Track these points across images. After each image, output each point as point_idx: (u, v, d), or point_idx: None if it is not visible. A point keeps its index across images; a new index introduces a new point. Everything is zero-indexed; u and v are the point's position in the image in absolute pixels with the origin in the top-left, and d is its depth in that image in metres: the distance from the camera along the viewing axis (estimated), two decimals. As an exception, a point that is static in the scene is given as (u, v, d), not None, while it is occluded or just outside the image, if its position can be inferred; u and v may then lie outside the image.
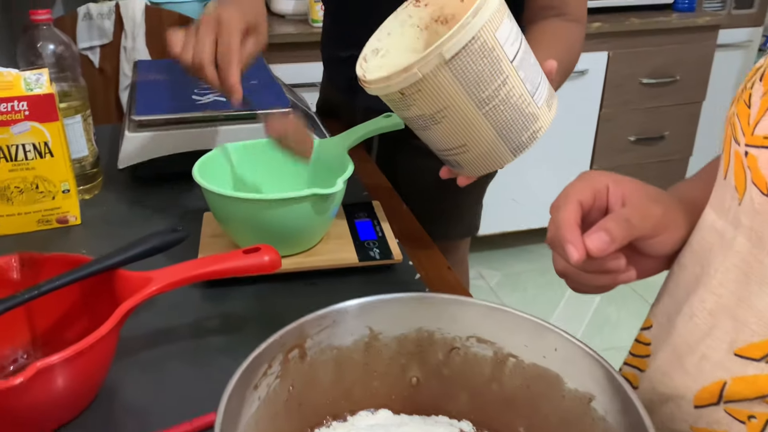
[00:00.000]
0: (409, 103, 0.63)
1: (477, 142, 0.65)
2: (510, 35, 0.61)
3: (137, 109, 0.95)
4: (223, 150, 0.82)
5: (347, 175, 0.75)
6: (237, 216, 0.73)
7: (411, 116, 0.65)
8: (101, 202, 0.93)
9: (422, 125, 0.66)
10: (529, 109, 0.64)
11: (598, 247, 0.45)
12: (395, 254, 0.77)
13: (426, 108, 0.62)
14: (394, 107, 0.66)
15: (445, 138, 0.66)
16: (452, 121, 0.63)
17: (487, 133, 0.64)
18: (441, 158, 0.73)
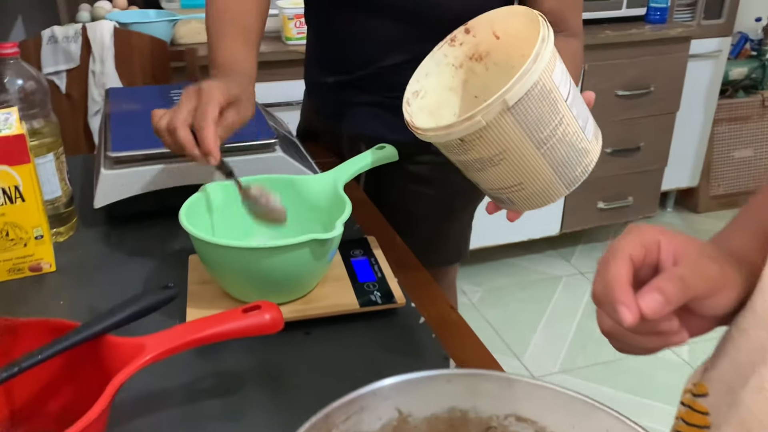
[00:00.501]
0: (467, 149, 0.63)
1: (533, 180, 0.65)
2: (563, 76, 0.63)
3: (113, 145, 0.90)
4: (208, 191, 0.77)
5: (346, 216, 0.70)
6: (230, 265, 0.68)
7: (467, 160, 0.65)
8: (76, 245, 0.87)
9: (478, 167, 0.66)
10: (582, 145, 0.65)
11: (652, 309, 0.41)
12: (397, 297, 0.73)
13: (485, 152, 0.63)
14: (449, 152, 0.66)
15: (501, 178, 0.66)
16: (510, 163, 0.64)
17: (544, 171, 0.64)
18: (490, 195, 0.72)
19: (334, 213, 0.75)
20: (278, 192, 0.79)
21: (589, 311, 2.15)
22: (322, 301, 0.72)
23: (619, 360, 1.94)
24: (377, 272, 0.78)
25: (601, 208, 2.33)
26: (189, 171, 0.91)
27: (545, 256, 2.45)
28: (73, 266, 0.83)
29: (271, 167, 0.93)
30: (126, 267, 0.82)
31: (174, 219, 0.71)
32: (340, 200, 0.76)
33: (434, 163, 1.07)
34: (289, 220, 0.80)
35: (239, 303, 0.71)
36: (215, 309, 0.70)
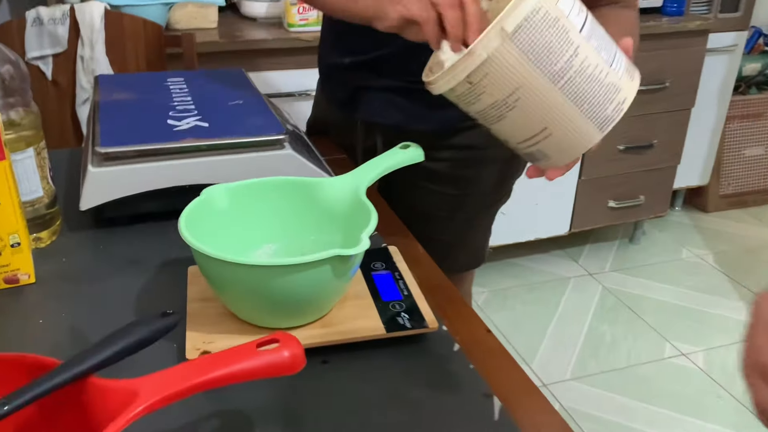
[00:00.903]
0: (478, 92, 0.60)
1: (559, 122, 0.61)
2: (574, 6, 0.60)
3: (102, 139, 0.80)
4: (211, 195, 0.67)
5: (371, 228, 0.61)
6: (238, 284, 0.58)
7: (483, 107, 0.62)
8: (59, 252, 0.78)
9: (496, 115, 0.62)
10: (609, 79, 0.61)
11: None
12: (429, 320, 0.64)
13: (497, 93, 0.60)
14: (464, 103, 0.63)
15: (523, 125, 0.62)
16: (528, 103, 0.60)
17: (568, 110, 0.60)
18: (523, 154, 0.67)
19: (356, 222, 0.66)
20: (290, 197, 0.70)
21: (599, 314, 2.07)
22: (342, 324, 0.63)
23: (632, 367, 1.86)
24: (403, 289, 0.68)
25: (612, 206, 2.25)
26: (189, 169, 0.81)
27: (552, 256, 2.36)
28: (56, 277, 0.73)
29: (278, 167, 0.83)
30: (116, 279, 0.73)
31: (171, 223, 0.62)
32: (362, 208, 0.66)
33: (455, 160, 0.98)
34: (304, 230, 0.70)
35: (246, 325, 0.62)
36: (219, 333, 0.61)
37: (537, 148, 0.64)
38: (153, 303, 0.69)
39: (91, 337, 0.63)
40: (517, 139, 0.65)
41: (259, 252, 0.70)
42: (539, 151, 0.65)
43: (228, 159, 0.82)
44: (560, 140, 0.62)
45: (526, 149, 0.66)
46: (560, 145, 0.63)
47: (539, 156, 0.66)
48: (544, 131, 0.62)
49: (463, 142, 0.98)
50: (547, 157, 0.65)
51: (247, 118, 0.89)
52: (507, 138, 0.66)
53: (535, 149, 0.65)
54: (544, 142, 0.63)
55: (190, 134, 0.82)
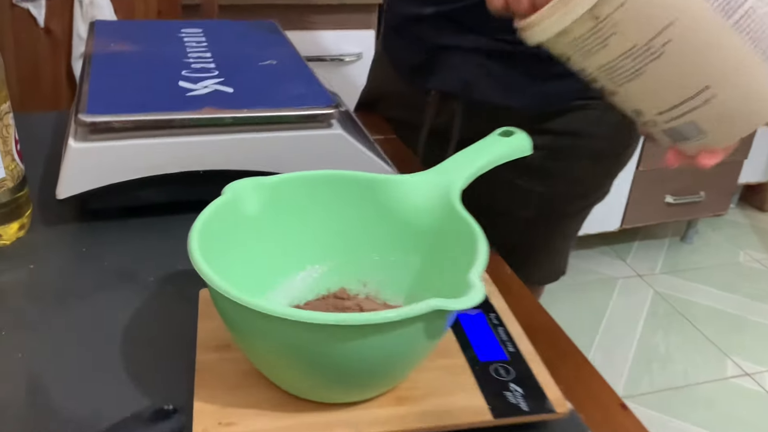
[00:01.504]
0: (606, 34, 0.42)
1: (728, 77, 0.42)
2: None
3: (89, 104, 0.58)
4: (236, 193, 0.46)
5: (481, 263, 0.40)
6: (281, 345, 0.37)
7: (611, 58, 0.44)
8: (27, 255, 0.57)
9: (631, 68, 0.44)
10: None
11: None
12: (554, 399, 0.43)
13: (637, 33, 0.42)
14: (582, 52, 0.45)
15: (672, 83, 0.44)
16: (683, 49, 0.42)
17: (744, 56, 0.41)
18: (662, 130, 0.48)
19: (444, 240, 0.46)
20: (348, 199, 0.49)
21: (651, 322, 1.86)
22: (425, 400, 0.42)
23: (690, 387, 1.65)
24: (505, 342, 0.48)
25: (669, 202, 2.03)
26: (206, 150, 0.60)
27: (597, 253, 2.15)
28: (17, 294, 0.53)
29: (321, 152, 0.62)
30: (100, 300, 0.52)
31: (178, 220, 0.42)
32: (455, 221, 0.45)
33: (550, 149, 0.77)
34: (364, 247, 0.50)
35: (283, 395, 0.41)
36: (243, 407, 0.40)
37: (689, 119, 0.45)
38: (148, 345, 0.48)
39: (55, 398, 0.43)
40: (659, 106, 0.46)
41: (302, 275, 0.50)
42: (692, 125, 0.46)
43: (258, 138, 0.61)
44: (726, 107, 0.44)
45: (672, 122, 0.47)
46: (725, 115, 0.44)
47: (690, 132, 0.47)
48: (704, 92, 0.43)
49: (564, 127, 0.76)
50: (702, 133, 0.46)
51: (283, 83, 0.67)
52: (642, 106, 0.47)
53: (684, 121, 0.46)
54: (702, 110, 0.44)
55: (208, 102, 0.61)
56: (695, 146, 0.48)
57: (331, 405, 0.41)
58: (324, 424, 0.40)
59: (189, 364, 0.44)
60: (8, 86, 0.56)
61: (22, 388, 0.44)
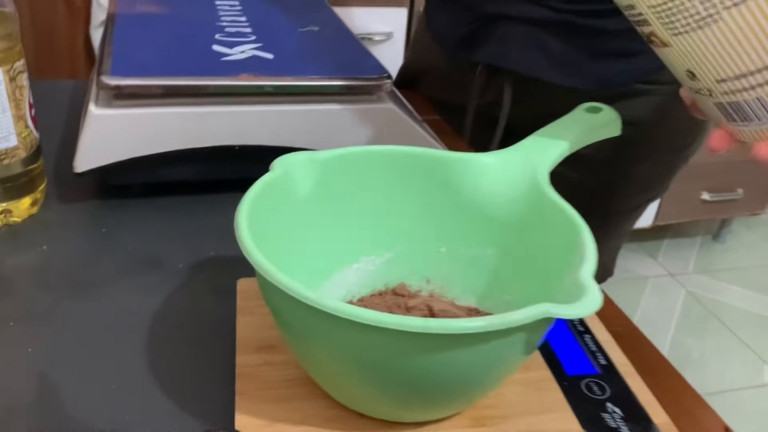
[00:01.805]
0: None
1: None
2: None
3: (114, 66, 0.52)
4: (287, 170, 0.39)
5: (592, 260, 0.33)
6: (348, 351, 0.31)
7: (678, 3, 0.35)
8: (39, 235, 0.51)
9: (701, 14, 0.35)
10: None
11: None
12: (662, 426, 0.36)
13: None
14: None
15: (748, 44, 0.34)
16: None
17: None
18: (717, 103, 0.38)
19: (529, 231, 0.39)
20: (411, 179, 0.42)
21: (683, 324, 1.78)
22: (509, 422, 0.35)
23: (725, 393, 1.58)
24: (593, 353, 0.41)
25: (705, 199, 1.94)
26: (243, 122, 0.53)
27: (627, 251, 2.07)
28: (27, 277, 0.46)
29: (370, 128, 0.55)
30: (121, 289, 0.46)
31: (212, 200, 0.36)
32: (549, 211, 0.38)
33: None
34: (430, 235, 0.43)
35: (338, 409, 0.35)
36: (291, 422, 0.34)
37: (758, 94, 0.36)
38: (177, 343, 0.42)
39: (69, 402, 0.37)
40: (721, 71, 0.36)
41: (356, 267, 0.43)
42: (758, 102, 0.37)
43: (301, 110, 0.54)
44: None
45: (733, 95, 0.37)
46: None
47: (754, 111, 0.37)
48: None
49: (625, 115, 0.68)
50: (766, 111, 0.37)
51: (328, 51, 0.60)
52: (700, 68, 0.37)
53: (751, 97, 0.37)
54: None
55: (246, 68, 0.54)
56: (756, 131, 0.39)
57: (396, 424, 0.34)
58: (391, 447, 0.33)
59: (226, 367, 0.38)
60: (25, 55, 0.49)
61: (32, 390, 0.37)
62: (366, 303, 0.41)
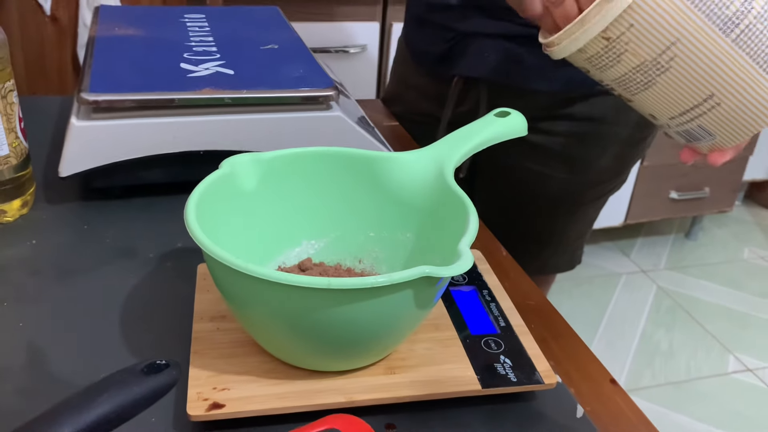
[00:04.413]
0: (618, 52, 0.47)
1: (730, 87, 0.47)
2: None
3: (92, 83, 0.59)
4: (234, 167, 0.47)
5: (472, 233, 0.40)
6: (273, 311, 0.38)
7: (624, 72, 0.49)
8: (29, 231, 0.58)
9: (643, 81, 0.49)
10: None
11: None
12: (542, 371, 0.43)
13: (645, 51, 0.47)
14: (598, 67, 0.50)
15: (680, 93, 0.49)
16: (688, 63, 0.46)
17: (744, 69, 0.46)
18: (676, 132, 0.53)
19: (437, 217, 0.46)
20: (343, 175, 0.50)
21: (654, 318, 1.86)
22: (416, 370, 0.43)
23: (692, 381, 1.65)
24: (497, 317, 0.48)
25: (674, 198, 2.02)
26: (207, 130, 0.61)
27: (602, 249, 2.15)
28: (18, 267, 0.54)
29: (321, 134, 0.63)
30: (101, 275, 0.53)
31: (180, 199, 0.43)
32: (449, 197, 0.46)
33: (572, 135, 0.77)
34: (360, 223, 0.50)
35: (277, 363, 0.42)
36: (237, 373, 0.41)
37: (698, 123, 0.51)
38: (146, 317, 0.49)
39: (55, 363, 0.44)
40: (670, 112, 0.51)
41: (298, 251, 0.51)
42: (700, 128, 0.51)
43: (258, 119, 0.62)
44: (730, 112, 0.49)
45: (682, 126, 0.52)
46: (730, 119, 0.49)
47: (699, 134, 0.52)
48: (709, 100, 0.48)
49: (588, 113, 0.76)
50: (710, 135, 0.51)
51: (284, 66, 0.68)
52: (655, 112, 0.52)
53: (694, 125, 0.51)
54: (708, 116, 0.50)
55: (209, 83, 0.62)
56: (706, 146, 0.53)
57: (323, 373, 0.42)
58: (315, 391, 0.41)
59: (186, 334, 0.45)
60: (15, 73, 0.57)
61: (22, 356, 0.45)
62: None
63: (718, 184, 2.07)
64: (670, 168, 1.98)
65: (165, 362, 0.30)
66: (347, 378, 0.42)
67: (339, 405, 0.40)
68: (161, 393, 0.29)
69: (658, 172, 1.97)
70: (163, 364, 0.30)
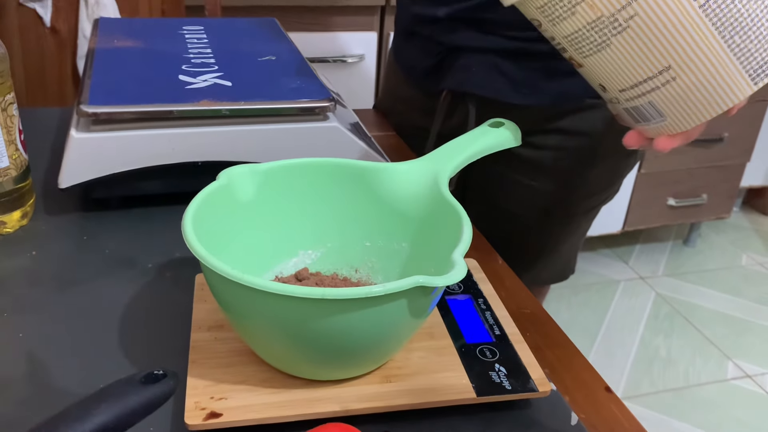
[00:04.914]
0: (574, 2, 0.43)
1: (690, 59, 0.43)
2: None
3: (91, 96, 0.60)
4: (231, 179, 0.48)
5: (466, 242, 0.41)
6: (269, 321, 0.39)
7: (577, 28, 0.44)
8: (29, 242, 0.59)
9: (595, 41, 0.45)
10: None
11: None
12: (537, 379, 0.44)
13: (603, 4, 0.42)
14: (550, 18, 0.45)
15: (634, 60, 0.44)
16: (648, 25, 0.42)
17: (709, 41, 0.42)
18: (624, 109, 0.49)
19: (432, 227, 0.47)
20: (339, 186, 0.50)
21: (652, 324, 1.86)
22: (412, 379, 0.43)
23: (691, 388, 1.65)
24: (492, 326, 0.49)
25: (671, 205, 2.03)
26: (205, 141, 0.61)
27: (600, 256, 2.15)
28: (18, 278, 0.54)
29: (318, 144, 0.64)
30: (100, 285, 0.54)
31: (179, 210, 0.43)
32: (443, 207, 0.46)
33: (562, 149, 0.77)
34: (356, 233, 0.51)
35: (274, 373, 0.43)
36: (234, 383, 0.42)
37: (649, 99, 0.46)
38: (145, 327, 0.50)
39: (54, 373, 0.45)
40: (621, 83, 0.46)
41: (295, 261, 0.51)
42: (650, 105, 0.47)
43: (255, 130, 0.62)
44: (686, 90, 0.44)
45: (632, 101, 0.47)
46: (684, 99, 0.45)
47: (648, 113, 0.47)
48: (665, 73, 0.44)
49: (576, 127, 0.76)
50: (660, 115, 0.47)
51: (281, 78, 0.69)
52: (605, 81, 0.48)
53: (644, 101, 0.46)
54: (662, 91, 0.45)
55: (207, 95, 0.62)
56: (655, 128, 0.49)
57: (319, 382, 0.42)
58: (312, 400, 0.41)
59: (184, 343, 0.46)
60: (15, 84, 0.58)
61: (23, 366, 0.45)
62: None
63: (715, 191, 2.08)
64: (668, 175, 1.99)
65: (163, 372, 0.30)
66: (344, 387, 0.42)
67: (335, 414, 0.40)
68: (159, 403, 0.30)
69: (656, 179, 1.98)
70: (160, 374, 0.30)
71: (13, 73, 0.57)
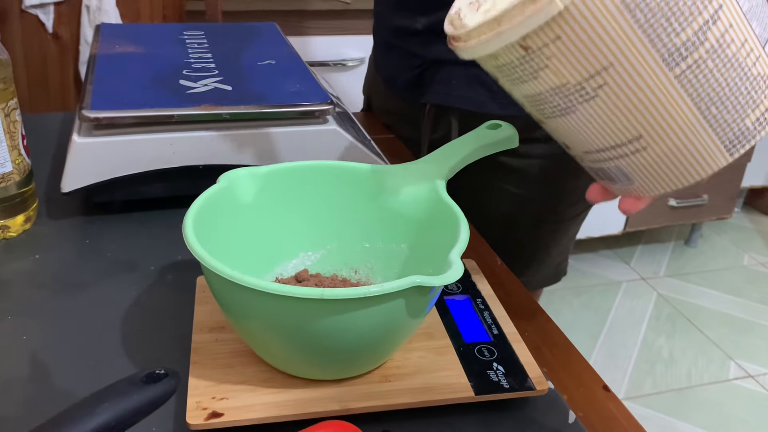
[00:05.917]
0: (537, 67, 0.38)
1: (663, 131, 0.38)
2: None
3: (93, 101, 0.61)
4: (232, 181, 0.48)
5: (463, 243, 0.42)
6: (269, 322, 0.39)
7: (540, 91, 0.39)
8: (32, 246, 0.59)
9: (559, 106, 0.40)
10: (758, 69, 0.38)
11: None
12: (534, 378, 0.44)
13: (569, 72, 0.37)
14: (509, 78, 0.40)
15: (602, 128, 0.40)
16: (618, 95, 0.37)
17: (683, 113, 0.38)
18: (588, 167, 0.44)
19: (430, 228, 0.47)
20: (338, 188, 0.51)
21: (654, 325, 1.86)
22: (410, 378, 0.44)
23: (693, 388, 1.65)
24: (490, 326, 0.49)
25: (673, 206, 2.03)
26: (205, 145, 0.62)
27: (601, 257, 2.16)
28: (22, 281, 0.55)
29: (318, 147, 0.64)
30: (103, 288, 0.54)
31: (180, 213, 0.44)
32: (441, 209, 0.47)
33: (548, 157, 0.77)
34: (355, 234, 0.51)
35: (274, 373, 0.43)
36: (235, 383, 0.42)
37: (617, 164, 0.42)
38: (147, 328, 0.50)
39: (58, 376, 0.45)
40: (586, 146, 0.42)
41: (295, 262, 0.52)
42: (618, 170, 0.42)
43: (255, 134, 0.63)
44: (657, 160, 0.40)
45: (598, 164, 0.43)
46: (655, 168, 0.40)
47: (615, 176, 0.43)
48: (635, 142, 0.40)
49: None
50: (628, 179, 0.42)
51: (281, 81, 0.69)
52: (570, 142, 0.43)
53: (612, 165, 0.42)
54: (632, 158, 0.41)
55: (207, 99, 0.63)
56: (621, 189, 0.44)
57: (319, 381, 0.43)
58: (312, 399, 0.42)
59: (186, 345, 0.46)
60: (18, 90, 0.58)
61: (26, 368, 0.46)
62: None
63: (716, 192, 2.08)
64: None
65: (164, 371, 0.31)
66: (343, 386, 0.43)
67: (335, 413, 0.41)
68: (160, 402, 0.30)
69: (657, 180, 1.98)
70: (162, 373, 0.31)
71: (16, 79, 0.57)
